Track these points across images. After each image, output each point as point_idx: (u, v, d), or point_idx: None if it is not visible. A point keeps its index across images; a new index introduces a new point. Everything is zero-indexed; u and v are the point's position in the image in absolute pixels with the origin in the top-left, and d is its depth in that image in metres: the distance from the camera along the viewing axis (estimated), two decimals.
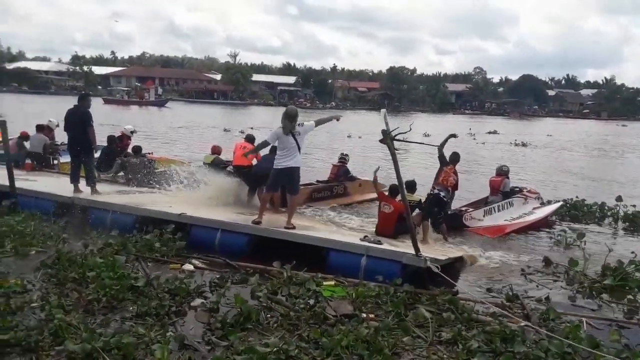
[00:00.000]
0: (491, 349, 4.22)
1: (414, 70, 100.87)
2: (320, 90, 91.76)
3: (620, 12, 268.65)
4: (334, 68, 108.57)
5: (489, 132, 38.88)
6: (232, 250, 6.76)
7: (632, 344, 4.54)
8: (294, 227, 7.12)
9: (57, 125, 12.84)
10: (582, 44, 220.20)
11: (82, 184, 8.80)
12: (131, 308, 4.71)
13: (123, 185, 10.36)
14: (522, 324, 4.72)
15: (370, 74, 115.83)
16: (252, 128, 30.99)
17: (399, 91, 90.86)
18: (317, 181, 12.25)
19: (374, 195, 10.32)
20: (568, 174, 20.14)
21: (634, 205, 11.02)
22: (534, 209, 10.89)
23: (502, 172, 10.92)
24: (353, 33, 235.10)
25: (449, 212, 9.39)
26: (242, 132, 29.35)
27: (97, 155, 10.02)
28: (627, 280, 6.32)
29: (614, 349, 4.16)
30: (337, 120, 7.74)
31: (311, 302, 4.99)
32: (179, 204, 8.19)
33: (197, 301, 4.98)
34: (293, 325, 4.58)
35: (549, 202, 11.66)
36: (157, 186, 9.87)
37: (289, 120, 7.00)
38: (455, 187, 8.94)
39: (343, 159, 12.42)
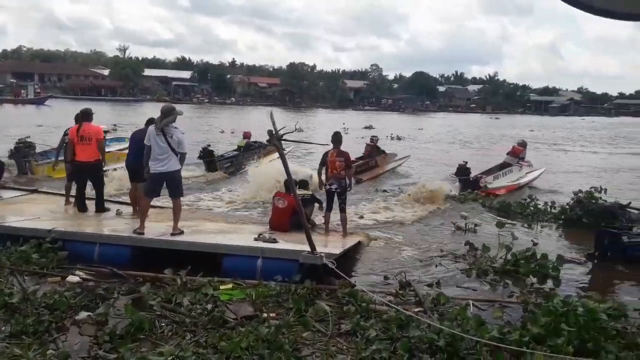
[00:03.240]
0: (388, 337, 4.35)
1: (314, 67, 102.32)
2: (218, 85, 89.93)
3: (500, 13, 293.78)
4: (233, 63, 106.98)
5: (365, 127, 40.03)
6: (114, 265, 6.09)
7: (513, 320, 4.91)
8: (181, 232, 6.73)
9: None
10: (468, 42, 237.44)
11: None
12: (3, 328, 4.24)
13: None
14: (415, 310, 4.94)
15: (271, 69, 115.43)
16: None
17: (300, 87, 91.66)
18: (356, 158, 15.54)
19: (394, 165, 17.41)
20: (437, 164, 21.19)
21: None
22: (527, 173, 15.38)
23: (523, 144, 16.02)
24: (250, 27, 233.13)
25: (471, 178, 13.47)
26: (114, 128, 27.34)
27: None
28: (519, 266, 6.81)
29: (496, 326, 4.47)
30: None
31: (209, 307, 4.82)
32: (49, 215, 7.51)
33: (83, 314, 4.59)
34: (190, 331, 4.40)
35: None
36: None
37: (160, 117, 6.60)
38: (348, 165, 8.11)
39: (372, 139, 17.20)
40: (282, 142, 5.82)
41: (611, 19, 1.31)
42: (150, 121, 7.12)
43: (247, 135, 16.84)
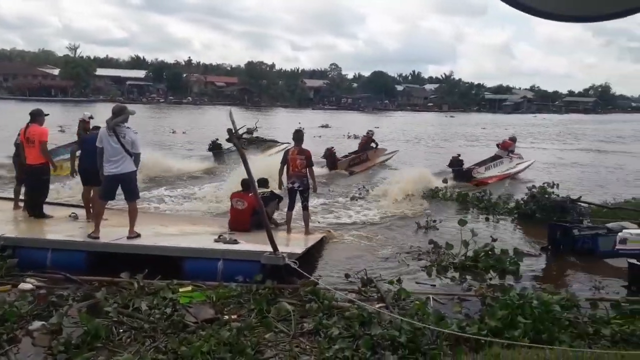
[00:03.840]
0: (351, 334, 4.36)
1: (273, 66, 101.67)
2: (174, 84, 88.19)
3: (454, 13, 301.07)
4: (189, 61, 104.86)
5: (321, 126, 40.20)
6: (69, 271, 5.84)
7: (472, 313, 5.04)
8: (138, 236, 6.53)
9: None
10: (424, 42, 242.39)
11: None
12: None
13: None
14: (377, 306, 4.99)
15: (228, 68, 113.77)
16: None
17: (259, 86, 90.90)
18: (349, 153, 17.84)
19: (384, 158, 18.85)
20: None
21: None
22: (517, 164, 16.69)
23: (513, 139, 17.63)
24: (205, 25, 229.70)
25: (464, 169, 14.73)
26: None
27: None
28: (478, 261, 7.01)
29: (456, 320, 4.57)
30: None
31: (168, 311, 4.71)
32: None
33: (37, 324, 4.40)
34: (149, 337, 4.29)
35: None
36: None
37: (111, 117, 6.38)
38: (308, 164, 7.96)
39: (368, 133, 18.84)
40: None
41: (543, 18, 1.33)
42: None
43: (249, 131, 18.75)
